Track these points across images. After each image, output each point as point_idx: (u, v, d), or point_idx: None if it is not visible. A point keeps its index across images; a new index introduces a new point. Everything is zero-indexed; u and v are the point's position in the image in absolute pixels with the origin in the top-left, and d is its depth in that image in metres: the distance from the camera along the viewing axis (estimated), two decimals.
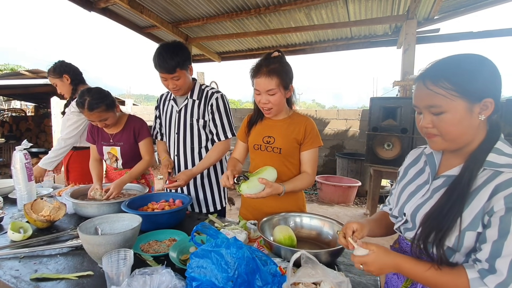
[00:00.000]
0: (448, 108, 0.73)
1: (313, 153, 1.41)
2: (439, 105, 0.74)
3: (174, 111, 1.78)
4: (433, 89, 0.74)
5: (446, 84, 0.73)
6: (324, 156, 6.15)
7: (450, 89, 0.72)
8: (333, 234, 1.23)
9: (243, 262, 0.80)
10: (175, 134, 1.77)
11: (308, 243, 1.24)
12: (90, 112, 1.64)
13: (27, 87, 6.32)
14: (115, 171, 1.95)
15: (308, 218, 1.32)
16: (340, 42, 5.42)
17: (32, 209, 1.36)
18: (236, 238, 0.86)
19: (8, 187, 1.85)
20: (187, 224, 1.45)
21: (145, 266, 1.02)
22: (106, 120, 1.72)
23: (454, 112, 0.73)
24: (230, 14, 4.38)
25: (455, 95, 0.72)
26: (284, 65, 1.31)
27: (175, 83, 1.60)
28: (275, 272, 0.89)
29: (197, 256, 0.83)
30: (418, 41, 4.28)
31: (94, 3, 4.10)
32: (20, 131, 7.43)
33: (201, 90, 1.75)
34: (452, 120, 0.74)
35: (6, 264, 1.03)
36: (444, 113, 0.74)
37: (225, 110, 1.73)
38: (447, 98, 0.73)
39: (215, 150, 1.73)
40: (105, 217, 1.15)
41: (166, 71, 1.55)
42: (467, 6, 4.11)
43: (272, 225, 1.27)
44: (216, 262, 0.80)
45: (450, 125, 0.75)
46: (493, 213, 0.68)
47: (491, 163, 0.73)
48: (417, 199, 0.87)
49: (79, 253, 1.12)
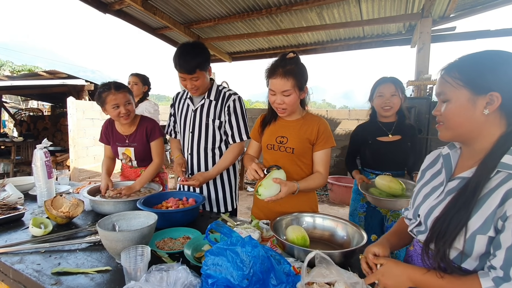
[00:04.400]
0: (451, 96, 0.76)
1: (326, 153, 1.41)
2: (444, 92, 0.78)
3: (190, 110, 1.79)
4: (445, 77, 0.78)
5: (455, 73, 0.76)
6: (335, 157, 6.10)
7: (456, 78, 0.75)
8: (346, 235, 1.22)
9: (258, 260, 0.81)
10: (190, 133, 1.79)
11: (320, 244, 1.24)
12: (116, 92, 1.70)
13: (44, 88, 6.52)
14: (130, 168, 1.99)
15: (320, 219, 1.32)
16: (352, 41, 5.36)
17: (52, 206, 1.40)
18: (251, 237, 0.87)
19: (28, 184, 1.92)
20: (200, 222, 1.47)
21: (160, 263, 1.04)
22: (129, 104, 1.75)
23: (455, 101, 0.76)
24: (241, 14, 4.40)
25: (460, 84, 0.75)
26: (300, 66, 1.32)
27: (193, 83, 1.62)
28: (288, 272, 0.89)
29: (212, 254, 0.84)
30: (433, 39, 4.20)
31: (109, 5, 4.20)
32: (37, 130, 7.65)
33: (218, 91, 1.76)
34: (453, 108, 0.76)
35: (28, 258, 1.07)
36: (448, 101, 0.78)
37: (241, 113, 1.74)
38: (452, 86, 0.76)
39: (230, 152, 1.74)
40: (122, 214, 1.18)
41: (186, 72, 1.57)
42: (484, 4, 3.99)
43: (285, 225, 1.27)
44: (231, 260, 0.80)
45: (450, 113, 0.77)
46: (507, 217, 0.66)
47: (506, 165, 0.71)
48: (431, 200, 0.86)
49: (97, 248, 1.15)
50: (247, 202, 4.72)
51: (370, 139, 1.91)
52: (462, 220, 0.71)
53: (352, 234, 1.19)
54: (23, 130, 7.74)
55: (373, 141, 1.90)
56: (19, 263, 1.03)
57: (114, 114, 1.74)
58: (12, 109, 9.54)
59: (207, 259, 0.84)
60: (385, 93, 1.83)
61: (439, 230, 0.75)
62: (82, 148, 5.90)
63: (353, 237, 1.18)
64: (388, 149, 1.86)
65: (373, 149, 1.90)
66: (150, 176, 1.80)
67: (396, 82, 1.84)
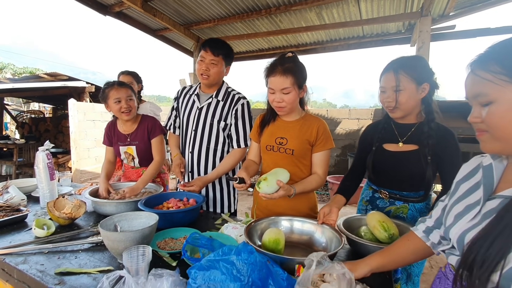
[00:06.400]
0: (497, 97, 0.61)
1: (325, 154, 1.42)
2: (486, 93, 0.62)
3: (195, 107, 1.79)
4: (480, 74, 0.63)
5: (495, 67, 0.61)
6: (336, 156, 6.10)
7: (499, 73, 0.60)
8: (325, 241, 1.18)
9: (256, 267, 0.75)
10: (193, 131, 1.78)
11: (299, 248, 1.20)
12: (119, 87, 1.77)
13: (45, 90, 6.55)
14: (132, 169, 2.01)
15: (300, 223, 1.28)
16: (351, 41, 5.36)
17: (54, 207, 1.42)
18: (245, 243, 0.83)
19: (31, 185, 1.94)
20: (201, 222, 1.49)
21: (161, 263, 1.06)
22: (131, 100, 1.80)
23: (503, 102, 0.60)
24: (241, 15, 4.41)
25: (506, 79, 0.59)
26: (298, 64, 1.33)
27: (210, 67, 1.66)
28: (282, 275, 0.85)
29: (201, 269, 0.76)
30: (433, 38, 4.19)
31: (109, 8, 4.22)
32: (39, 132, 7.69)
33: (227, 92, 1.77)
34: (502, 111, 0.60)
35: (32, 259, 1.08)
36: (492, 103, 0.61)
37: (248, 118, 1.75)
38: (496, 84, 0.60)
39: (231, 157, 1.74)
40: (124, 214, 1.20)
41: (211, 49, 1.63)
42: (484, 2, 3.98)
43: (261, 229, 1.22)
44: (226, 272, 0.73)
45: (499, 118, 0.61)
46: None
47: None
48: (465, 222, 0.70)
49: (99, 249, 1.17)
50: (247, 202, 4.73)
51: (375, 145, 1.39)
52: (503, 248, 0.57)
53: (331, 238, 1.16)
54: (25, 132, 7.78)
55: (378, 147, 1.39)
56: (23, 264, 1.05)
57: (116, 109, 1.78)
58: (13, 111, 9.59)
59: (194, 276, 0.76)
60: (386, 87, 1.27)
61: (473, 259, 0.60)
62: (84, 149, 5.92)
63: (331, 241, 1.15)
64: (394, 163, 1.33)
65: (375, 159, 1.38)
66: (152, 175, 1.81)
67: (401, 66, 1.23)
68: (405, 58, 1.28)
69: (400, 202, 1.38)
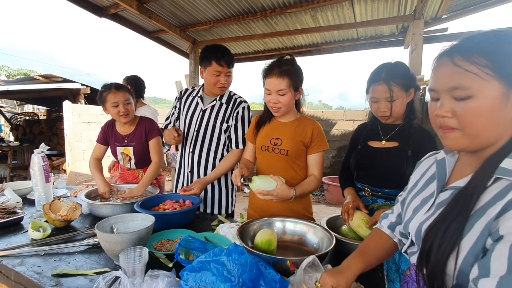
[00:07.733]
0: (478, 92, 0.57)
1: (320, 156, 1.45)
2: (468, 86, 0.57)
3: (199, 108, 1.82)
4: (463, 65, 0.58)
5: (481, 60, 0.56)
6: (331, 157, 6.15)
7: (485, 66, 0.56)
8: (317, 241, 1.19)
9: (247, 268, 0.76)
10: (195, 132, 1.81)
11: (290, 249, 1.21)
12: (116, 91, 1.77)
13: (40, 92, 6.51)
14: (128, 171, 2.02)
15: (292, 224, 1.28)
16: (346, 43, 5.42)
17: (50, 209, 1.42)
18: (236, 244, 0.84)
19: (26, 188, 1.93)
20: (197, 224, 1.50)
21: (158, 264, 1.07)
22: (128, 103, 1.81)
23: (484, 98, 0.56)
24: (236, 17, 4.44)
25: (490, 74, 0.56)
26: (295, 67, 1.37)
27: (226, 79, 1.71)
28: (274, 276, 0.85)
29: (193, 271, 0.77)
30: (426, 40, 4.26)
31: (104, 9, 4.21)
32: (33, 134, 7.63)
33: (230, 96, 1.83)
34: (480, 108, 0.57)
35: (28, 261, 1.09)
36: (471, 98, 0.57)
37: (248, 121, 1.79)
38: (480, 77, 0.56)
39: (229, 158, 1.76)
40: (120, 216, 1.21)
41: (227, 64, 1.68)
42: (476, 5, 4.06)
43: (254, 230, 1.23)
44: (217, 273, 0.74)
45: (476, 115, 0.57)
46: (500, 237, 0.51)
47: (506, 171, 0.56)
48: (421, 215, 0.71)
49: (95, 251, 1.17)
50: (244, 204, 4.75)
51: (361, 143, 1.47)
52: (456, 233, 0.57)
53: (322, 238, 1.17)
54: (19, 135, 7.72)
55: (363, 145, 1.46)
56: (20, 266, 1.05)
57: (114, 113, 1.80)
58: (8, 113, 9.50)
59: (186, 278, 0.77)
60: (380, 98, 1.30)
61: (431, 245, 0.61)
62: (79, 151, 5.89)
63: (323, 241, 1.16)
64: (377, 158, 1.39)
65: (360, 155, 1.45)
66: (152, 177, 1.82)
67: (391, 77, 1.26)
68: (391, 67, 1.31)
69: (382, 200, 1.43)
